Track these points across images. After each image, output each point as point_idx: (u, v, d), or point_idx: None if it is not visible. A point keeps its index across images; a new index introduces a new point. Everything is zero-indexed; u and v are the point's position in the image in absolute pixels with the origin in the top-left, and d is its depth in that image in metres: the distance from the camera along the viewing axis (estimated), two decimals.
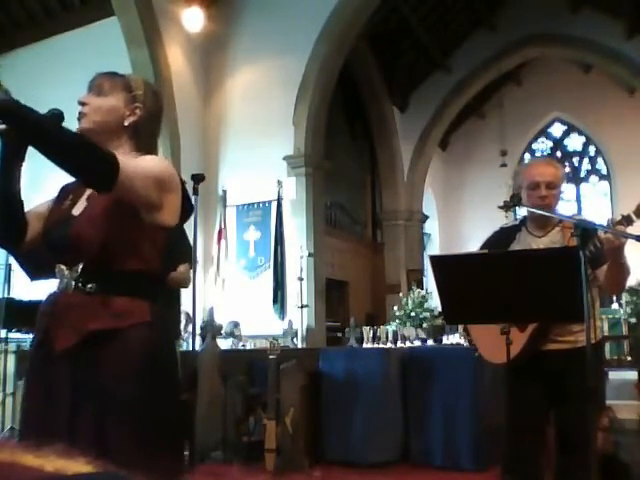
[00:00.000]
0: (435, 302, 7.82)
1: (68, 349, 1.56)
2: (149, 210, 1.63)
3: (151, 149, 1.79)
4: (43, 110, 1.71)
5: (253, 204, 8.60)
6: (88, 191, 1.72)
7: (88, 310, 1.58)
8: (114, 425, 1.53)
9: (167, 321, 1.70)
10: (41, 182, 4.74)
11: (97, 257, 1.60)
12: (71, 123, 1.68)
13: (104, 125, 1.70)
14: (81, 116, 1.70)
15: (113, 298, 1.59)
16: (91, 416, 1.53)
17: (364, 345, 5.85)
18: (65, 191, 1.78)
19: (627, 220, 2.29)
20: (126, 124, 1.72)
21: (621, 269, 2.42)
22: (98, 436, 1.51)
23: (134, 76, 1.80)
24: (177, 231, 2.91)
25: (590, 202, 14.41)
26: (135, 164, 1.60)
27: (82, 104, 1.71)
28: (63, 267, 1.65)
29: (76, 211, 1.69)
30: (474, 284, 2.38)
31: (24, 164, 1.63)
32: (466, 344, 5.58)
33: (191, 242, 3.01)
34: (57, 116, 1.60)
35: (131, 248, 1.62)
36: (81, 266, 1.62)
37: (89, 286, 1.61)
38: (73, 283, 1.62)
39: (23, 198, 1.70)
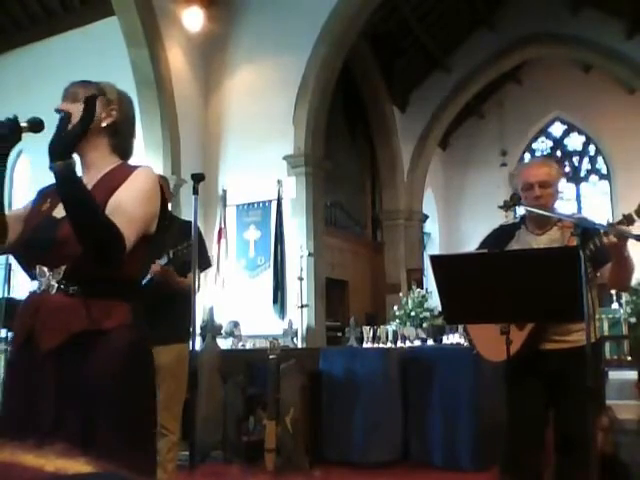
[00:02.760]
0: (435, 302, 7.82)
1: (53, 349, 1.59)
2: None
3: (128, 150, 1.86)
4: (42, 110, 1.72)
5: (253, 204, 8.60)
6: None
7: (72, 311, 1.61)
8: (99, 424, 1.56)
9: (143, 322, 1.75)
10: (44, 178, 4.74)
11: (81, 260, 1.62)
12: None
13: None
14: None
15: (96, 300, 1.63)
16: (76, 415, 1.56)
17: (364, 345, 5.85)
18: (42, 195, 1.82)
19: (628, 219, 2.29)
20: (104, 125, 1.77)
21: (625, 265, 2.43)
22: (84, 435, 1.54)
23: (106, 83, 1.86)
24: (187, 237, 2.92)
25: (590, 202, 14.41)
26: (131, 211, 1.65)
27: (59, 112, 1.72)
28: (45, 269, 1.66)
29: (58, 214, 1.71)
30: (474, 284, 2.38)
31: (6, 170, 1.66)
32: (466, 344, 5.57)
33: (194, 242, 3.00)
34: (37, 124, 1.62)
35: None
36: (64, 268, 1.64)
37: (72, 288, 1.63)
38: (56, 285, 1.64)
39: (23, 201, 1.72)
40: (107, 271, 1.64)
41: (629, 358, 8.68)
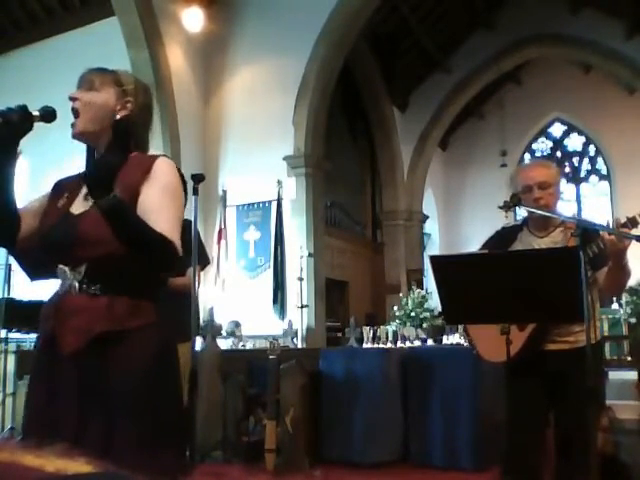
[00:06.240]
0: (435, 302, 7.83)
1: (75, 352, 1.55)
2: None
3: (143, 143, 1.78)
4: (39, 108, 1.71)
5: (253, 204, 8.59)
6: (85, 189, 1.71)
7: (94, 312, 1.57)
8: (123, 426, 1.53)
9: (169, 322, 1.69)
10: (43, 178, 4.76)
11: (102, 258, 1.58)
12: (65, 121, 1.70)
13: (97, 121, 1.69)
14: (74, 112, 1.69)
15: (118, 299, 1.58)
16: (100, 417, 1.53)
17: (364, 345, 5.85)
18: (59, 188, 1.76)
19: (632, 222, 2.27)
20: (118, 118, 1.71)
21: (622, 271, 2.42)
22: (107, 437, 1.51)
23: (123, 71, 1.80)
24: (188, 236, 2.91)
25: (590, 202, 14.40)
26: (169, 213, 1.62)
27: (73, 99, 1.70)
28: (65, 268, 1.62)
29: (76, 209, 1.67)
30: (474, 284, 2.37)
31: (18, 162, 1.64)
32: (466, 344, 5.58)
33: (193, 242, 2.99)
34: (50, 113, 1.60)
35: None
36: (84, 267, 1.60)
37: (94, 287, 1.59)
38: (77, 285, 1.60)
39: (25, 195, 1.71)
40: (132, 269, 1.60)
41: (629, 358, 8.68)
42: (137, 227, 1.54)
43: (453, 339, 5.92)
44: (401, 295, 10.00)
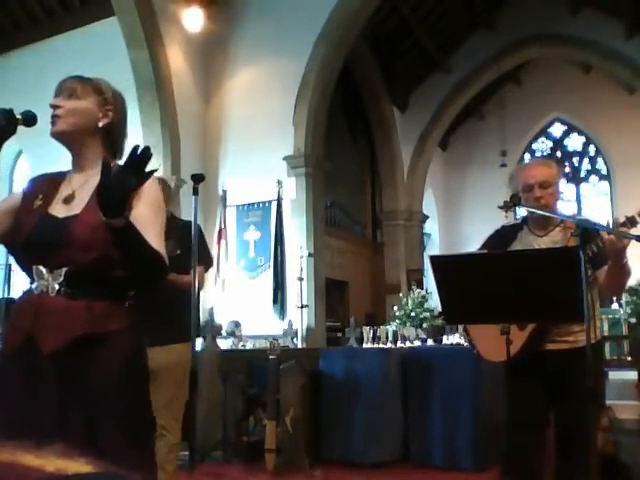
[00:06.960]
0: (435, 302, 7.83)
1: (55, 352, 1.57)
2: None
3: (121, 150, 1.83)
4: (42, 110, 1.71)
5: (253, 204, 8.59)
6: (64, 192, 1.73)
7: (74, 314, 1.59)
8: (103, 425, 1.56)
9: (140, 324, 1.74)
10: None
11: (91, 262, 1.60)
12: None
13: (79, 127, 1.72)
14: (54, 119, 1.71)
15: (97, 302, 1.62)
16: (80, 417, 1.56)
17: (364, 345, 5.85)
18: (32, 188, 1.77)
19: (631, 221, 2.27)
20: (100, 125, 1.74)
21: (622, 271, 2.42)
22: (88, 436, 1.54)
23: (100, 79, 1.83)
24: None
25: (590, 202, 14.40)
26: (158, 229, 1.70)
27: (55, 107, 1.71)
28: (43, 269, 1.63)
29: (57, 212, 1.68)
30: (474, 284, 2.37)
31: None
32: (466, 344, 5.58)
33: (193, 242, 2.98)
34: (31, 118, 1.61)
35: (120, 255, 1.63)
36: (65, 270, 1.61)
37: (73, 290, 1.61)
38: (56, 286, 1.61)
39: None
40: (111, 274, 1.64)
41: (629, 358, 8.69)
42: (140, 245, 1.60)
43: (453, 339, 5.92)
44: (401, 295, 10.01)
